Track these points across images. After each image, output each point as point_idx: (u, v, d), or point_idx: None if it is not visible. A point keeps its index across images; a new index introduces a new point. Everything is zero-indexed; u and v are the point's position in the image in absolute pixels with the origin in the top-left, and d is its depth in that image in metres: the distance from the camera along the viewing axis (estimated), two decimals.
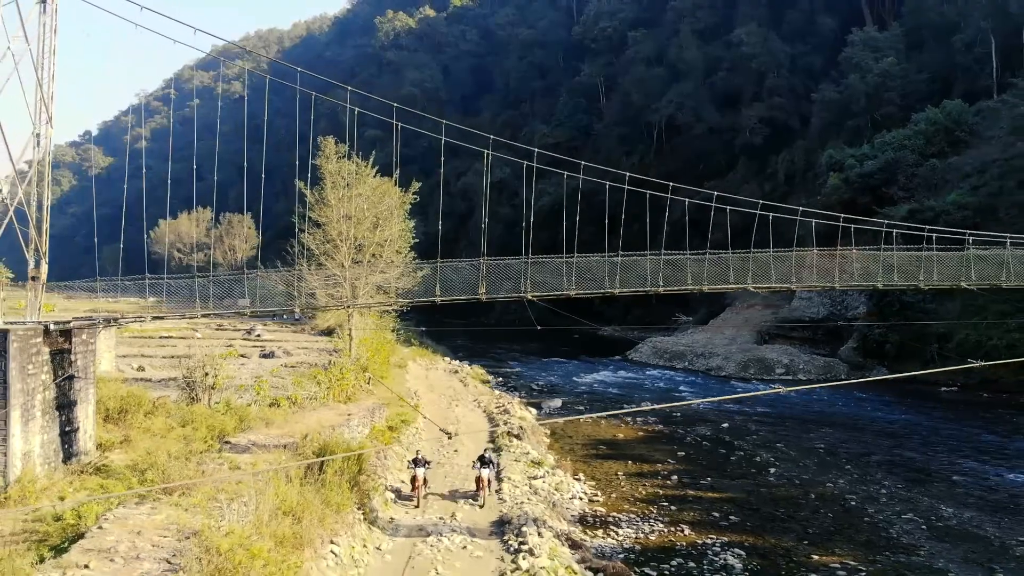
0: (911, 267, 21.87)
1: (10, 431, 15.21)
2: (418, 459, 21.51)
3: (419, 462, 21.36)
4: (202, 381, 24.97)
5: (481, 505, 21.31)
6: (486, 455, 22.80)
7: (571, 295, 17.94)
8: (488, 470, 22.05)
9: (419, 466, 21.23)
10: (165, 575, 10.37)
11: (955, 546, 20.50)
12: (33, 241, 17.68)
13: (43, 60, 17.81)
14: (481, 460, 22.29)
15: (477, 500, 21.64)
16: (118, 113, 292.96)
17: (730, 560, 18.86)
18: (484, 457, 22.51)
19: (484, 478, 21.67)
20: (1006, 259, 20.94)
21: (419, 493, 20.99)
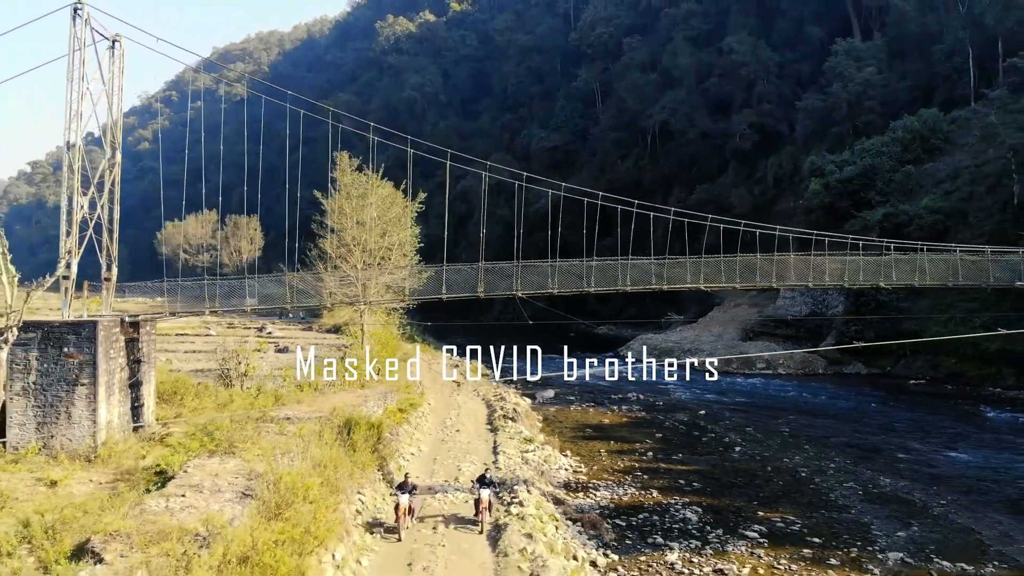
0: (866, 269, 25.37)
1: (98, 403, 18.78)
2: (404, 483, 18.99)
3: (404, 487, 18.79)
4: (235, 369, 28.65)
5: (481, 531, 18.93)
6: (487, 475, 20.39)
7: (554, 293, 21.51)
8: (489, 491, 19.56)
9: (404, 492, 18.65)
10: (243, 501, 13.95)
11: (883, 507, 24.09)
12: (106, 247, 21.21)
13: (113, 97, 21.33)
14: (481, 480, 19.94)
15: (475, 526, 19.26)
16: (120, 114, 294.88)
17: (688, 515, 22.48)
18: (485, 477, 20.13)
19: (484, 500, 19.23)
20: (920, 262, 24.51)
21: (401, 524, 18.37)
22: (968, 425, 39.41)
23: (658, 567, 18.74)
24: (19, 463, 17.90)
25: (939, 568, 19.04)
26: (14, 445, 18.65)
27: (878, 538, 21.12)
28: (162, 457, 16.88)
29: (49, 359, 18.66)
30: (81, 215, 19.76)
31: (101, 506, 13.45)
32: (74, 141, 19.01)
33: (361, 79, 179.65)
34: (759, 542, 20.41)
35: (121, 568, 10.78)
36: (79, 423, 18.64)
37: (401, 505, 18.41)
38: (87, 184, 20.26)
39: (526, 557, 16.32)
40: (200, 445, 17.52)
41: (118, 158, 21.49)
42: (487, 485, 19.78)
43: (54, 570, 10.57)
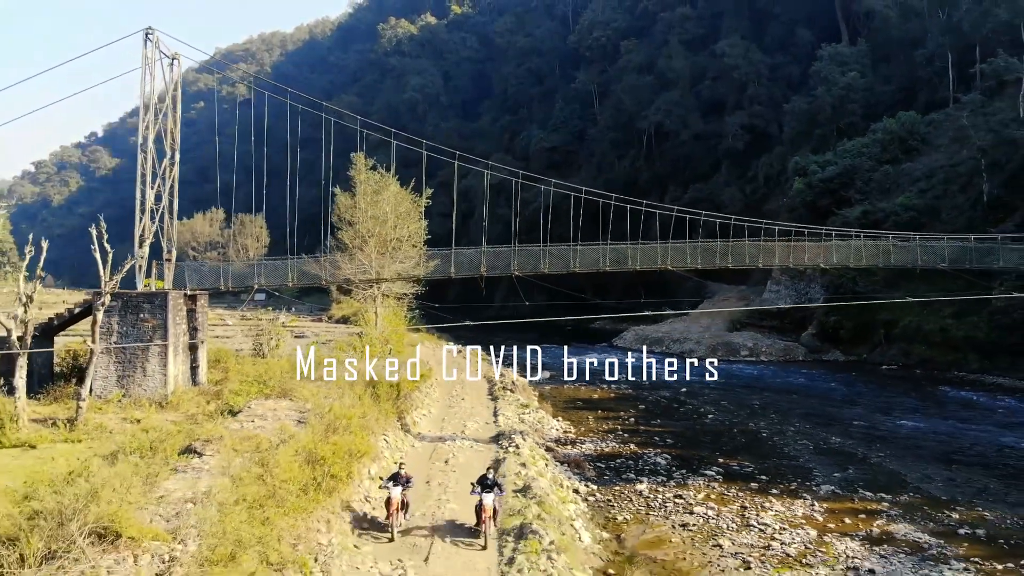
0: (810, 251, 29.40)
1: (168, 360, 22.82)
2: (398, 475, 16.90)
3: (398, 479, 16.72)
4: (267, 343, 32.70)
5: (483, 546, 15.97)
6: (489, 476, 17.25)
7: (545, 271, 25.52)
8: (492, 496, 16.47)
9: (396, 484, 16.54)
10: (300, 425, 17.96)
11: (828, 458, 28.09)
12: (168, 234, 25.21)
13: (172, 108, 25.34)
14: (482, 483, 16.81)
15: (476, 538, 16.33)
16: (123, 115, 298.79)
17: (659, 460, 26.53)
18: (487, 479, 16.98)
19: (487, 507, 16.22)
20: (856, 246, 28.52)
21: (394, 521, 16.24)
22: (926, 402, 43.34)
23: (629, 494, 22.78)
24: (105, 408, 21.92)
25: (861, 496, 23.02)
26: (99, 394, 22.67)
27: (816, 477, 25.13)
28: (228, 397, 20.89)
29: (128, 323, 22.69)
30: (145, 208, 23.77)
31: (191, 428, 17.44)
32: (146, 145, 22.96)
33: (363, 80, 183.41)
34: (715, 478, 24.43)
35: (218, 459, 14.75)
36: (152, 376, 22.67)
37: (393, 499, 16.15)
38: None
39: (521, 477, 20.31)
40: (257, 391, 21.56)
41: (176, 158, 25.49)
42: (490, 488, 16.56)
43: (170, 461, 14.49)
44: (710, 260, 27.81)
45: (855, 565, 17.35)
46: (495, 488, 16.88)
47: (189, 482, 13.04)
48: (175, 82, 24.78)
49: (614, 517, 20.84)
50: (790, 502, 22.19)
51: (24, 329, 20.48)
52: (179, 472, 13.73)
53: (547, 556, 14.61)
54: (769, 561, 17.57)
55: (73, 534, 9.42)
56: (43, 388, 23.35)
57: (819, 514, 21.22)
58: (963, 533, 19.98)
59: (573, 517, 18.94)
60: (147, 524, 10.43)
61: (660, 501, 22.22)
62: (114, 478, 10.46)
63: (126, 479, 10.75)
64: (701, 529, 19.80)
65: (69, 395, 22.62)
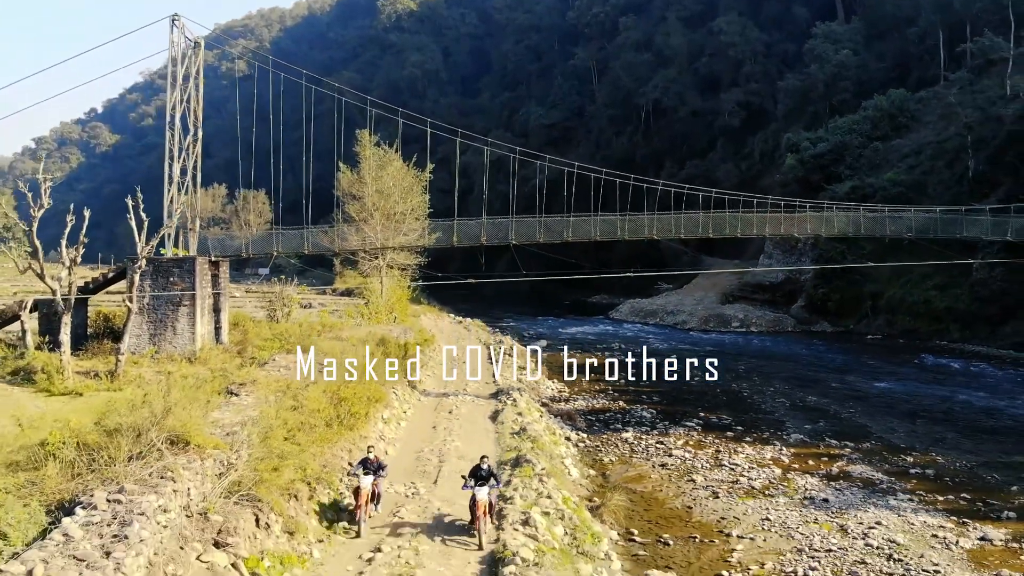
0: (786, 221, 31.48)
1: (196, 320, 25.01)
2: (367, 461, 14.72)
3: (368, 465, 14.58)
4: (281, 309, 34.90)
5: (479, 545, 13.80)
6: (483, 466, 14.86)
7: (541, 240, 27.62)
8: (487, 489, 14.27)
9: (367, 472, 14.42)
10: (325, 371, 20.18)
11: (801, 413, 30.46)
12: (192, 209, 27.27)
13: (195, 89, 27.28)
14: (475, 474, 14.63)
15: (472, 536, 14.15)
16: (122, 91, 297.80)
17: (644, 414, 28.90)
18: (480, 470, 14.73)
19: (481, 503, 14.06)
20: (828, 217, 30.64)
21: (362, 514, 14.14)
22: (904, 367, 45.66)
23: (615, 441, 25.13)
24: (140, 362, 24.14)
25: (827, 444, 25.38)
26: (132, 351, 24.85)
27: (788, 428, 27.49)
28: (252, 352, 23.10)
29: (159, 286, 24.85)
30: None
31: (225, 375, 19.66)
32: (173, 124, 24.95)
33: (363, 57, 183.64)
34: (695, 428, 26.79)
35: (254, 397, 16.98)
36: (182, 334, 24.89)
37: (363, 489, 14.07)
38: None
39: (517, 423, 22.61)
40: (279, 346, 23.78)
41: (199, 135, 27.47)
42: (484, 480, 14.45)
43: (213, 401, 16.69)
44: (692, 230, 29.91)
45: (812, 495, 19.69)
46: (490, 479, 14.56)
47: (233, 413, 15.28)
48: (198, 65, 26.67)
49: (600, 459, 23.19)
50: (760, 448, 24.54)
51: (68, 290, 22.62)
52: (222, 407, 15.95)
53: (539, 479, 16.89)
54: (736, 492, 19.91)
55: (153, 440, 11.63)
56: (80, 347, 25.51)
57: (786, 457, 23.58)
58: (914, 473, 22.32)
59: (563, 456, 21.27)
60: (208, 437, 12.66)
61: (643, 447, 24.57)
62: (177, 402, 12.66)
63: (186, 404, 12.95)
64: (678, 468, 22.15)
65: (106, 351, 24.84)
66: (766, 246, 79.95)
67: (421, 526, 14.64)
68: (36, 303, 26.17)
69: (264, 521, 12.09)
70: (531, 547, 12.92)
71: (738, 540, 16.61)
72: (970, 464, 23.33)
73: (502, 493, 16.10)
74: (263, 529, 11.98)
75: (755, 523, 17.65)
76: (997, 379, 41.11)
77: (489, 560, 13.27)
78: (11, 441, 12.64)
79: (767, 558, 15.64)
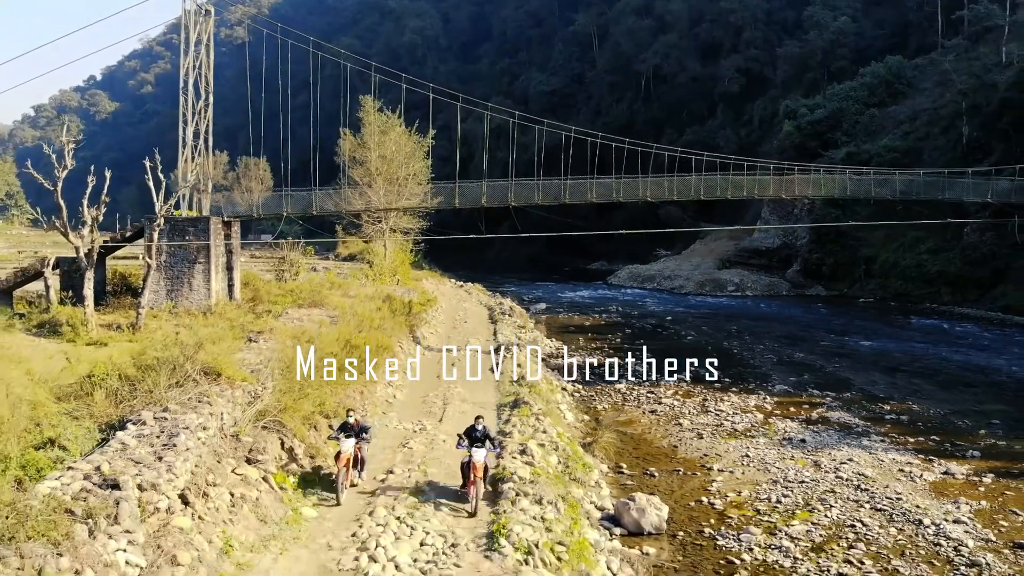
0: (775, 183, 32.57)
1: (211, 276, 26.29)
2: (348, 424, 13.59)
3: (349, 429, 13.47)
4: (289, 270, 36.18)
5: (470, 512, 12.80)
6: (479, 426, 13.71)
7: (538, 202, 28.76)
8: (483, 451, 13.26)
9: (348, 435, 13.38)
10: (334, 320, 21.50)
11: (788, 367, 31.88)
12: (204, 171, 28.38)
13: (206, 55, 28.21)
14: (470, 436, 13.55)
15: (465, 503, 13.13)
16: (121, 58, 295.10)
17: (638, 369, 30.29)
18: (476, 430, 13.62)
19: (477, 465, 13.09)
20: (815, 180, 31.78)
21: (342, 479, 13.05)
22: (892, 328, 47.06)
23: (608, 391, 26.60)
24: (158, 316, 25.46)
25: (809, 394, 26.83)
26: (150, 306, 26.15)
27: (773, 380, 28.95)
28: (266, 306, 24.41)
29: (175, 244, 26.05)
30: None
31: (243, 325, 20.96)
32: (187, 89, 25.96)
33: (363, 23, 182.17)
34: (684, 380, 28.20)
35: (273, 343, 18.30)
36: (198, 290, 26.19)
37: (344, 454, 13.06)
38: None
39: (516, 373, 24.01)
40: (291, 301, 25.09)
41: (211, 100, 28.47)
42: (480, 442, 13.33)
43: (235, 344, 18.00)
44: (685, 193, 31.06)
45: (791, 437, 21.14)
46: (487, 441, 13.43)
47: (254, 355, 16.61)
48: (208, 32, 27.57)
49: (594, 407, 24.65)
50: (745, 396, 26.00)
51: (91, 247, 23.84)
52: (244, 351, 17.28)
53: (535, 418, 18.30)
54: (719, 434, 21.37)
55: (188, 371, 12.98)
56: (100, 302, 26.78)
57: (769, 405, 25.05)
58: (889, 419, 23.77)
59: (559, 402, 22.71)
60: (237, 370, 14.00)
61: (635, 396, 26.04)
62: (208, 338, 13.97)
63: (215, 340, 14.26)
64: (666, 414, 23.61)
65: (125, 306, 26.14)
66: (763, 212, 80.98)
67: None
68: (58, 261, 27.44)
69: (288, 445, 13.49)
70: (527, 470, 14.31)
71: (718, 473, 18.07)
72: (943, 412, 24.76)
73: (501, 443, 15.38)
74: (287, 452, 13.39)
75: (735, 459, 19.10)
76: (981, 338, 42.51)
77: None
78: (58, 375, 14.00)
79: (744, 487, 17.09)
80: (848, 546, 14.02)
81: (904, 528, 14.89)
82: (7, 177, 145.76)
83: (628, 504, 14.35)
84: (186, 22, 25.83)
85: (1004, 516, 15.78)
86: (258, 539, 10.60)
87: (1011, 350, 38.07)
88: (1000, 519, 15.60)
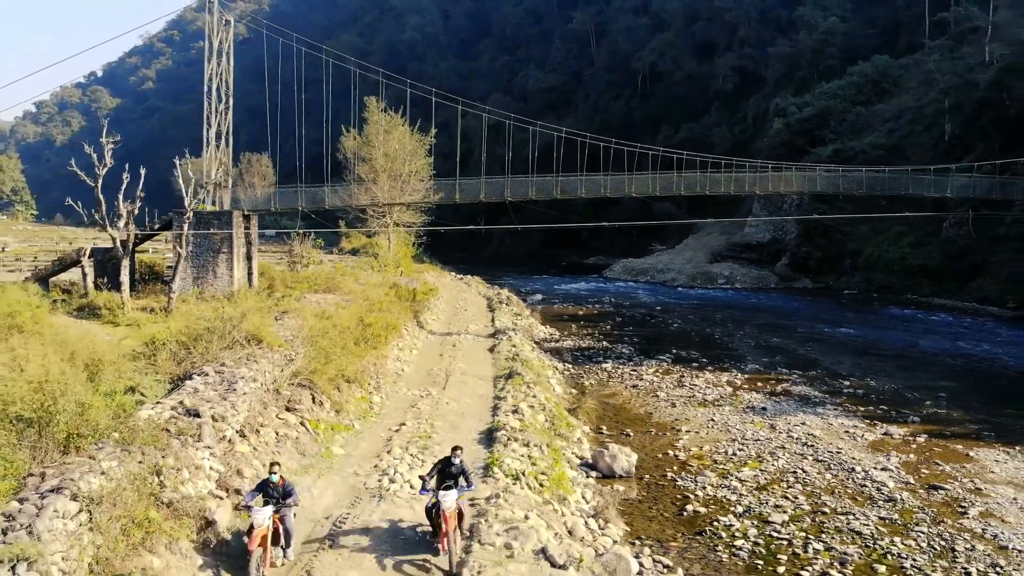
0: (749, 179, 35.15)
1: (233, 265, 28.88)
2: (268, 484, 10.39)
3: (269, 492, 10.34)
4: (300, 261, 38.77)
5: (448, 571, 10.40)
6: (455, 460, 11.16)
7: (533, 197, 31.36)
8: (455, 494, 10.71)
9: (267, 500, 10.29)
10: (348, 302, 24.11)
11: (762, 350, 34.49)
12: (225, 167, 30.93)
13: (227, 62, 30.75)
14: (443, 472, 11.16)
15: (436, 554, 10.72)
16: (122, 54, 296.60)
17: (624, 351, 32.98)
18: (452, 464, 11.17)
19: (448, 514, 10.47)
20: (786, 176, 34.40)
21: (256, 562, 9.70)
22: (869, 316, 49.67)
23: (596, 370, 29.23)
24: (187, 300, 28.07)
25: (778, 372, 29.46)
26: (178, 292, 28.76)
27: (748, 360, 31.58)
28: (284, 291, 27.01)
29: (200, 236, 28.63)
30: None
31: (269, 306, 23.55)
32: (210, 94, 28.51)
33: (363, 19, 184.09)
34: (666, 361, 30.87)
35: (297, 320, 20.91)
36: (221, 277, 28.77)
37: (257, 530, 9.83)
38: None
39: (511, 352, 26.63)
40: (307, 287, 27.70)
41: (230, 103, 31.03)
42: (453, 480, 11.02)
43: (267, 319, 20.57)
44: (667, 188, 33.62)
45: (753, 406, 23.78)
46: (461, 478, 11.00)
47: (283, 329, 19.21)
48: (228, 41, 30.07)
49: (582, 383, 27.28)
50: (719, 374, 28.65)
51: (127, 236, 26.44)
52: (273, 327, 19.88)
53: (527, 386, 20.93)
54: (690, 403, 24.01)
55: (236, 337, 15.60)
56: (132, 289, 29.40)
57: (739, 381, 27.68)
58: (846, 392, 26.41)
59: (550, 377, 25.33)
60: (275, 337, 16.63)
61: (619, 374, 28.68)
62: (249, 311, 16.58)
63: (254, 312, 16.88)
64: (646, 388, 26.26)
65: (156, 292, 28.76)
66: (755, 208, 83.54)
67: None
68: (92, 251, 30.03)
69: (318, 400, 16.11)
70: (518, 423, 16.95)
71: (685, 433, 20.70)
72: (897, 387, 27.38)
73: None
74: (318, 405, 16.01)
75: (702, 423, 21.73)
76: (951, 327, 45.13)
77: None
78: (118, 344, 16.60)
79: (706, 444, 19.73)
80: (787, 486, 16.66)
81: (838, 474, 17.52)
82: (12, 173, 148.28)
83: (603, 452, 16.99)
84: (209, 32, 28.36)
85: (927, 466, 18.42)
86: (299, 466, 13.25)
87: (977, 336, 40.74)
88: (923, 468, 18.25)
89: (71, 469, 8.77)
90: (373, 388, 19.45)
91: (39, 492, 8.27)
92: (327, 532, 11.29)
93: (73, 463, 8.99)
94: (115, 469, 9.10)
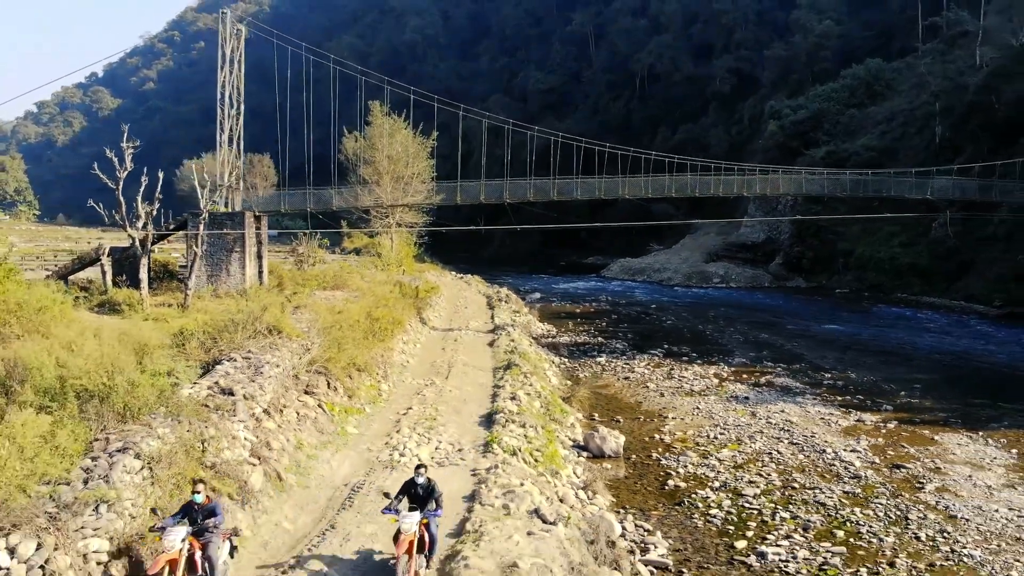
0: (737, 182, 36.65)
1: (246, 263, 30.40)
2: (192, 506, 8.93)
3: (192, 515, 8.87)
4: (307, 260, 40.28)
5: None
6: (420, 479, 10.25)
7: (531, 199, 32.86)
8: (416, 517, 9.68)
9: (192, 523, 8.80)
10: (355, 298, 25.63)
11: (751, 345, 36.01)
12: (238, 170, 32.44)
13: (239, 69, 32.24)
14: (408, 492, 10.19)
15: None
16: (123, 55, 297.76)
17: (618, 346, 34.51)
18: (416, 484, 10.25)
19: (408, 540, 9.48)
20: (774, 180, 35.90)
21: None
22: (858, 314, 51.16)
23: (590, 363, 30.76)
24: (202, 297, 29.59)
25: (763, 365, 30.97)
26: (193, 289, 30.26)
27: (735, 355, 33.11)
28: (294, 288, 28.52)
29: (214, 235, 30.13)
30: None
31: (281, 302, 25.06)
32: (223, 101, 30.01)
33: (363, 20, 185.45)
34: (657, 355, 32.39)
35: (311, 314, 22.41)
36: (234, 275, 30.28)
37: (164, 555, 8.33)
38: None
39: (510, 346, 28.15)
40: (316, 284, 29.22)
41: (242, 108, 32.53)
42: (420, 501, 10.09)
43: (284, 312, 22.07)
44: (659, 191, 35.17)
45: (737, 395, 25.31)
46: (430, 501, 10.05)
47: (297, 322, 20.72)
48: (240, 50, 31.56)
49: (576, 375, 28.81)
50: (707, 367, 30.17)
51: (145, 236, 27.93)
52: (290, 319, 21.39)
53: (524, 376, 22.46)
54: (678, 393, 25.55)
55: (258, 328, 17.13)
56: (149, 286, 30.91)
57: (726, 373, 29.22)
58: (826, 384, 27.92)
59: (546, 369, 26.85)
60: (293, 328, 18.15)
61: (613, 367, 30.21)
62: (268, 304, 18.08)
63: (272, 306, 18.39)
64: (637, 380, 27.79)
65: (172, 289, 30.26)
66: (750, 208, 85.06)
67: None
68: (111, 250, 31.53)
69: (333, 385, 17.62)
70: (516, 408, 18.47)
71: (671, 420, 22.23)
72: (875, 379, 28.90)
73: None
74: (332, 390, 17.52)
75: (688, 411, 23.26)
76: (937, 324, 46.64)
77: None
78: (149, 335, 18.10)
79: (690, 429, 21.25)
80: (762, 465, 18.18)
81: (810, 455, 19.04)
82: (16, 174, 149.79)
83: (593, 434, 18.52)
84: (222, 42, 29.87)
85: (894, 448, 19.94)
86: (318, 442, 14.78)
87: (961, 333, 42.24)
88: (889, 450, 19.76)
89: (133, 434, 10.30)
90: (381, 377, 20.95)
91: (108, 452, 9.80)
92: (346, 496, 12.82)
93: (133, 429, 10.52)
94: (168, 435, 10.64)
